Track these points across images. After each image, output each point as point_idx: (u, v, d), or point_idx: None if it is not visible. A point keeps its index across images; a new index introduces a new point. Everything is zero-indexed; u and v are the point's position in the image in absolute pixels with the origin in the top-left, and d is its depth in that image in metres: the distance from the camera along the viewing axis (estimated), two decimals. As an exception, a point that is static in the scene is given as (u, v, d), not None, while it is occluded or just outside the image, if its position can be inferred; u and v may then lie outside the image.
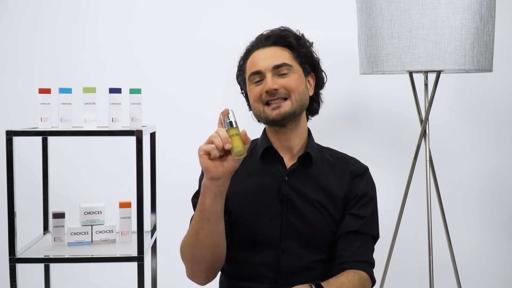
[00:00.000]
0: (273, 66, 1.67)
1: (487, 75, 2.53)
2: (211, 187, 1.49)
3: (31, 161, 2.48)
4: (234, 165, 1.47)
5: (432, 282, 2.29)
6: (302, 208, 1.67)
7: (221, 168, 1.46)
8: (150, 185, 2.19)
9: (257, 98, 1.68)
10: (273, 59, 1.68)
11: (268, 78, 1.66)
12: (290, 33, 1.73)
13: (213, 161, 1.45)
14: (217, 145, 1.43)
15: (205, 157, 1.45)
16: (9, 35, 2.70)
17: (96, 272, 2.68)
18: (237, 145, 1.44)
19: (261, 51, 1.71)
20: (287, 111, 1.66)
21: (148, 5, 2.73)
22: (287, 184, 1.68)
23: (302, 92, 1.69)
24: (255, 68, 1.69)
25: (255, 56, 1.71)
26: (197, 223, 1.53)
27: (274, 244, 1.67)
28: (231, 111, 1.48)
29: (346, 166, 1.75)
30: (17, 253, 1.87)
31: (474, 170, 2.83)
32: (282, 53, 1.69)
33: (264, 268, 1.67)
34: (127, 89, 2.00)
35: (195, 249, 1.56)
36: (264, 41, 1.71)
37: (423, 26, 2.07)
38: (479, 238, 2.84)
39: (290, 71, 1.68)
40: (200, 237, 1.54)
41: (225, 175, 1.47)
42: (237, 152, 1.44)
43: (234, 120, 1.47)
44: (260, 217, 1.67)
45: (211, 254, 1.57)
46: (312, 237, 1.67)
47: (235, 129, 1.45)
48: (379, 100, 2.79)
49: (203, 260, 1.58)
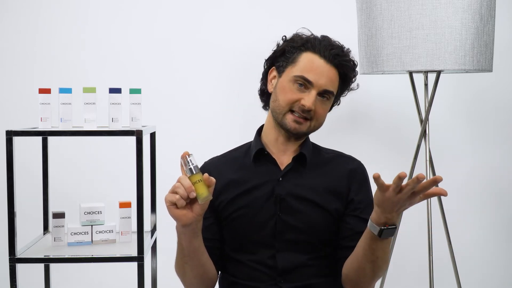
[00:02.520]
0: (324, 89, 1.67)
1: (487, 75, 2.53)
2: (185, 232, 1.53)
3: (31, 161, 2.48)
4: (203, 207, 1.49)
5: (432, 282, 2.29)
6: (296, 208, 1.67)
7: (190, 214, 1.48)
8: (150, 185, 2.19)
9: (290, 101, 1.67)
10: (329, 82, 1.67)
11: (312, 96, 1.65)
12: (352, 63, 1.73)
13: (181, 209, 1.47)
14: (181, 195, 1.44)
15: (172, 207, 1.47)
16: (9, 35, 2.70)
17: (96, 272, 2.68)
18: (202, 192, 1.44)
19: (323, 64, 1.67)
20: (303, 131, 1.69)
21: (148, 5, 2.73)
22: (281, 185, 1.69)
23: (323, 121, 1.73)
24: (309, 77, 1.65)
25: (316, 63, 1.67)
26: (180, 260, 1.62)
27: (270, 243, 1.67)
28: (191, 154, 1.46)
29: (342, 164, 1.75)
30: (17, 253, 1.87)
31: (474, 170, 2.83)
32: (336, 80, 1.70)
33: (262, 267, 1.67)
34: (127, 89, 2.00)
35: (185, 279, 1.67)
36: (331, 57, 1.67)
37: (423, 26, 2.07)
38: (479, 238, 2.84)
39: (329, 100, 1.70)
40: (186, 271, 1.63)
41: (195, 219, 1.50)
42: (203, 198, 1.45)
43: (195, 165, 1.45)
44: (254, 217, 1.68)
45: (201, 280, 1.67)
46: (308, 236, 1.68)
47: (197, 175, 1.44)
48: (379, 100, 2.79)
49: (195, 286, 1.68)
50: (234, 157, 1.78)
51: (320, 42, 1.69)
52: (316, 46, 1.68)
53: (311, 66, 1.66)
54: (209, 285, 1.70)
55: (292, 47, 1.71)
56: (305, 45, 1.69)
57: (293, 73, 1.67)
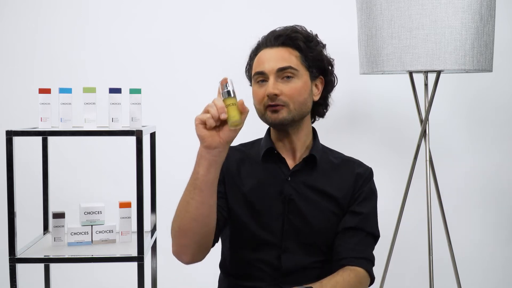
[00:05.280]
0: (277, 69, 1.63)
1: (487, 75, 2.53)
2: (206, 156, 1.45)
3: (31, 161, 2.48)
4: (231, 135, 1.44)
5: (432, 282, 2.29)
6: (304, 209, 1.67)
7: (217, 137, 1.43)
8: (150, 185, 2.19)
9: (259, 100, 1.66)
10: (279, 61, 1.64)
11: (271, 82, 1.63)
12: (300, 34, 1.68)
13: (209, 130, 1.43)
14: (212, 115, 1.40)
15: (201, 126, 1.43)
16: (9, 35, 2.70)
17: (96, 272, 2.68)
18: (233, 115, 1.40)
19: (269, 50, 1.67)
20: (285, 117, 1.64)
21: (148, 5, 2.73)
22: (290, 185, 1.68)
23: (302, 101, 1.66)
24: (259, 68, 1.66)
25: (262, 55, 1.68)
26: (189, 193, 1.49)
27: (275, 243, 1.67)
28: (230, 80, 1.43)
29: (351, 168, 1.74)
30: (17, 253, 1.87)
31: (474, 170, 2.83)
32: (289, 56, 1.65)
33: (265, 267, 1.67)
34: (127, 89, 2.00)
35: (184, 220, 1.51)
36: (273, 41, 1.67)
37: (423, 26, 2.07)
38: (479, 238, 2.84)
39: (295, 76, 1.64)
40: (190, 208, 1.49)
41: (221, 145, 1.44)
42: (233, 122, 1.40)
43: (232, 89, 1.42)
44: (262, 217, 1.67)
45: (200, 227, 1.51)
46: (314, 237, 1.67)
47: (232, 98, 1.42)
48: (379, 100, 2.79)
49: (190, 233, 1.52)
50: (245, 152, 1.76)
51: (265, 36, 1.70)
52: (262, 42, 1.70)
53: (260, 60, 1.67)
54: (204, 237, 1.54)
55: (250, 57, 1.74)
56: (256, 49, 1.72)
57: (252, 75, 1.70)
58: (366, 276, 1.64)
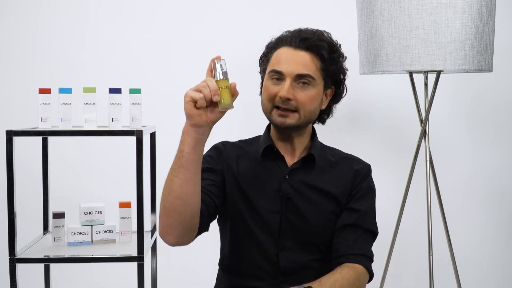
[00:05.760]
0: (296, 74, 1.63)
1: (487, 75, 2.53)
2: (192, 134, 1.47)
3: (31, 161, 2.48)
4: (218, 116, 1.46)
5: (432, 282, 2.29)
6: (302, 207, 1.67)
7: (205, 117, 1.45)
8: (150, 185, 2.19)
9: (270, 97, 1.65)
10: (300, 66, 1.63)
11: (286, 85, 1.62)
12: (326, 43, 1.67)
13: (198, 109, 1.44)
14: (205, 96, 1.42)
15: (191, 103, 1.44)
16: (9, 35, 2.70)
17: (96, 272, 2.68)
18: (226, 98, 1.41)
19: (291, 51, 1.65)
20: (292, 123, 1.64)
21: (148, 5, 2.73)
22: (288, 183, 1.68)
23: (313, 110, 1.67)
24: (278, 67, 1.65)
25: (283, 53, 1.66)
26: (173, 171, 1.49)
27: (273, 241, 1.67)
28: (223, 60, 1.43)
29: (349, 165, 1.74)
30: (17, 253, 1.87)
31: (474, 170, 2.83)
32: (310, 63, 1.64)
33: (263, 265, 1.67)
34: (127, 89, 2.00)
35: (167, 200, 1.50)
36: (298, 42, 1.65)
37: (423, 26, 2.07)
38: (479, 238, 2.84)
39: (311, 84, 1.64)
40: (174, 186, 1.48)
41: (207, 124, 1.46)
42: (224, 105, 1.42)
43: (225, 70, 1.43)
44: (259, 214, 1.67)
45: (184, 206, 1.49)
46: (311, 236, 1.68)
47: (225, 80, 1.42)
48: (379, 100, 2.79)
49: (174, 213, 1.50)
50: (245, 149, 1.77)
51: (290, 34, 1.69)
52: (286, 39, 1.68)
53: (280, 57, 1.66)
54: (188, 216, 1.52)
55: (269, 48, 1.72)
56: (277, 43, 1.70)
57: (268, 71, 1.68)
58: (365, 272, 1.64)
